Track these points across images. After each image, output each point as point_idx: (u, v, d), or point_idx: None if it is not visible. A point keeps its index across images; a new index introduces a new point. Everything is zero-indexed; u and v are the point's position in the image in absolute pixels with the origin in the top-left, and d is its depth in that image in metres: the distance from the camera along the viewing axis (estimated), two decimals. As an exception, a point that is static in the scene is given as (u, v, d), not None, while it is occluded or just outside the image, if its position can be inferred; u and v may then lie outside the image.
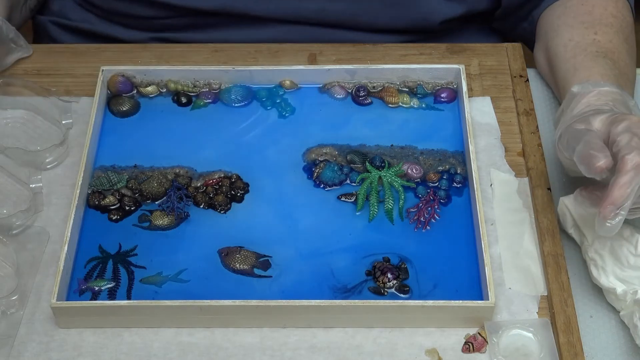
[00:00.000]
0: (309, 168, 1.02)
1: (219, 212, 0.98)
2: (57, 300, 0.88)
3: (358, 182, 1.01)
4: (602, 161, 0.82)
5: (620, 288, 0.89)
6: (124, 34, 1.20)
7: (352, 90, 1.09)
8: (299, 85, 1.10)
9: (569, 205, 0.94)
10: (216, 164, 1.03)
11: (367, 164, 1.02)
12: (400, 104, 1.08)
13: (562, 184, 1.02)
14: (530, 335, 0.88)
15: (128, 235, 0.96)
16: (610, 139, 0.85)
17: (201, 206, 0.99)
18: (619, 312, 0.90)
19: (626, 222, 0.87)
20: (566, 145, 0.88)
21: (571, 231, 0.95)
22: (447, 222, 0.98)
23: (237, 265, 0.94)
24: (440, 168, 1.02)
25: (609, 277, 0.89)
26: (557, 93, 1.08)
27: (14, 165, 1.02)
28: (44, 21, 1.24)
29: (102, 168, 1.02)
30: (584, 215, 0.93)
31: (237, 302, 0.88)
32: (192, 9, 1.15)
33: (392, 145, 1.04)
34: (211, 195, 0.99)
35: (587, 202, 0.90)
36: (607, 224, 0.82)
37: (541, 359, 0.87)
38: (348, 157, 1.03)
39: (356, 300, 0.89)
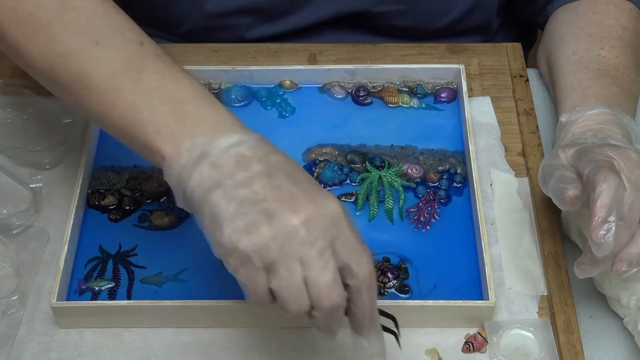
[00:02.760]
0: (309, 168, 1.02)
1: (219, 212, 0.98)
2: (57, 300, 0.88)
3: (358, 182, 1.01)
4: (571, 191, 0.83)
5: (624, 295, 0.88)
6: None
7: (352, 90, 1.09)
8: (299, 85, 1.10)
9: (572, 213, 0.93)
10: (216, 164, 1.02)
11: (367, 163, 1.02)
12: (400, 104, 1.08)
13: (562, 184, 1.02)
14: (530, 335, 0.88)
15: (128, 235, 0.96)
16: (584, 174, 0.84)
17: (201, 206, 0.98)
18: (623, 319, 0.90)
19: None
20: (543, 182, 0.88)
21: (575, 239, 0.94)
22: (447, 222, 0.98)
23: (237, 265, 0.93)
24: (440, 168, 1.02)
25: (613, 284, 0.89)
26: (554, 100, 1.08)
27: (14, 165, 1.02)
28: None
29: (102, 168, 1.02)
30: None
31: (237, 302, 0.88)
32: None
33: (392, 145, 1.04)
34: (211, 195, 0.99)
35: (593, 267, 0.84)
36: (601, 241, 0.79)
37: (541, 359, 0.87)
38: (348, 157, 1.03)
39: (356, 300, 0.89)
